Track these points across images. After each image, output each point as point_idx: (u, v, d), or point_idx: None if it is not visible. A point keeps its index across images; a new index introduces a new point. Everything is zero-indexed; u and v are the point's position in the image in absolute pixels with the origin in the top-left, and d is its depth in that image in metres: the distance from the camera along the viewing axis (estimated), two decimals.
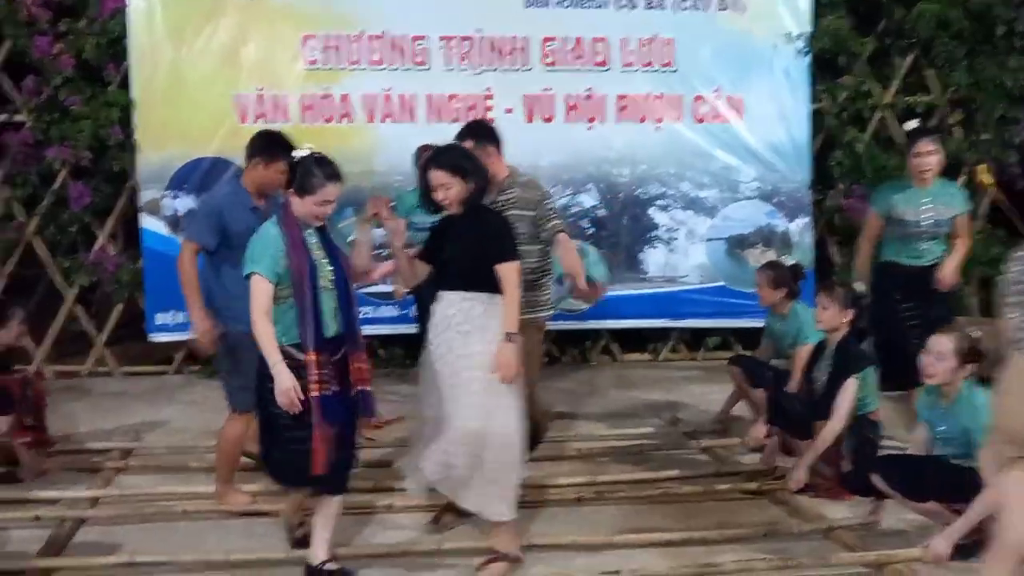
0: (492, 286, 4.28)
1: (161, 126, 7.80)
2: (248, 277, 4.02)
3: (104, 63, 7.82)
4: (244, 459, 5.19)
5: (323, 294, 4.05)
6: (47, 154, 7.74)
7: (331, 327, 4.08)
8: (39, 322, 8.10)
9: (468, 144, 4.93)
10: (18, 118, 7.90)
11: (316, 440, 3.95)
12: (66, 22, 7.73)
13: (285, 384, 3.90)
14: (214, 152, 7.85)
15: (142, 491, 5.32)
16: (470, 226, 4.32)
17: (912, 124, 6.40)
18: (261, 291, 3.98)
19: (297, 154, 4.14)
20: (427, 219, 6.94)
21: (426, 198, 4.45)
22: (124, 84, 7.81)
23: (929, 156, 6.02)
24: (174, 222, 7.84)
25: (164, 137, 7.81)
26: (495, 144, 4.99)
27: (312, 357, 3.97)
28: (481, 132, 5.01)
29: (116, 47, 7.78)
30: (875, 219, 6.23)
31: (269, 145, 4.91)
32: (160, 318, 7.88)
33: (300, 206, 4.07)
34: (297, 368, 3.96)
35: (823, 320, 5.36)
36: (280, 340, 4.00)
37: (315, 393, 3.96)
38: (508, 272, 4.25)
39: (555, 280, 5.14)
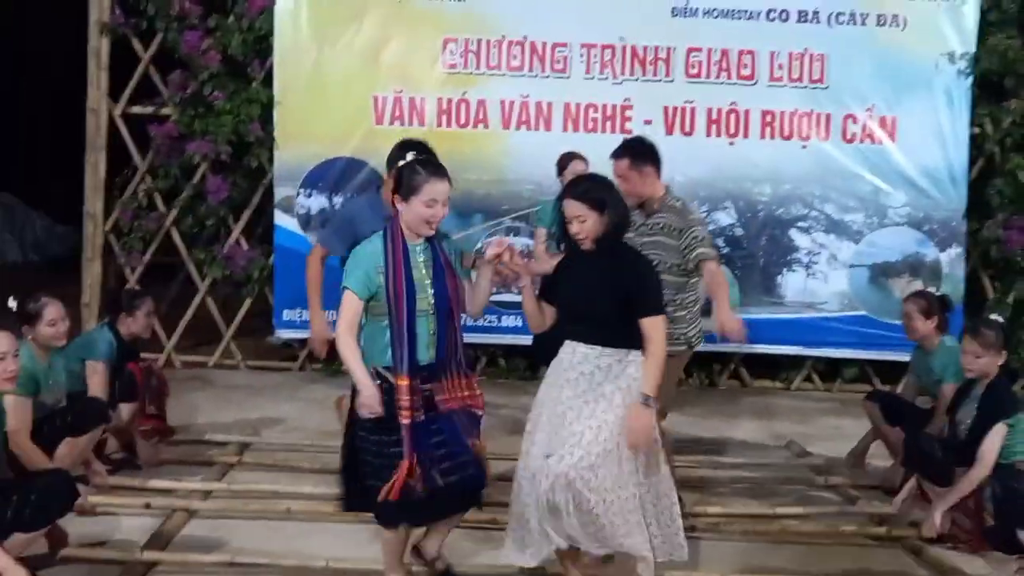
0: (631, 340, 3.88)
1: (300, 124, 7.88)
2: (343, 290, 3.86)
3: (249, 60, 7.94)
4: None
5: (420, 318, 3.83)
6: (189, 148, 7.89)
7: (425, 354, 3.85)
8: (175, 311, 8.29)
9: (624, 162, 4.73)
10: (164, 111, 8.10)
11: (403, 468, 3.75)
12: (215, 18, 7.88)
13: (368, 393, 3.76)
14: (350, 152, 7.90)
15: (254, 488, 5.30)
16: (604, 267, 3.93)
17: None
18: (348, 306, 3.81)
19: (401, 163, 3.95)
20: None
21: (561, 231, 4.11)
22: (267, 81, 7.91)
23: None
24: (306, 220, 7.90)
25: (302, 135, 7.89)
26: (655, 164, 4.78)
27: (404, 382, 3.79)
28: (640, 151, 4.79)
29: (262, 44, 7.90)
30: None
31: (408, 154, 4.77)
32: (288, 314, 7.95)
33: (407, 213, 3.85)
34: (388, 392, 3.79)
35: (975, 369, 4.94)
36: (371, 360, 3.84)
37: (406, 420, 3.77)
38: (654, 327, 3.85)
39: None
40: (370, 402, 3.76)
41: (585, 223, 3.91)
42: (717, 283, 4.68)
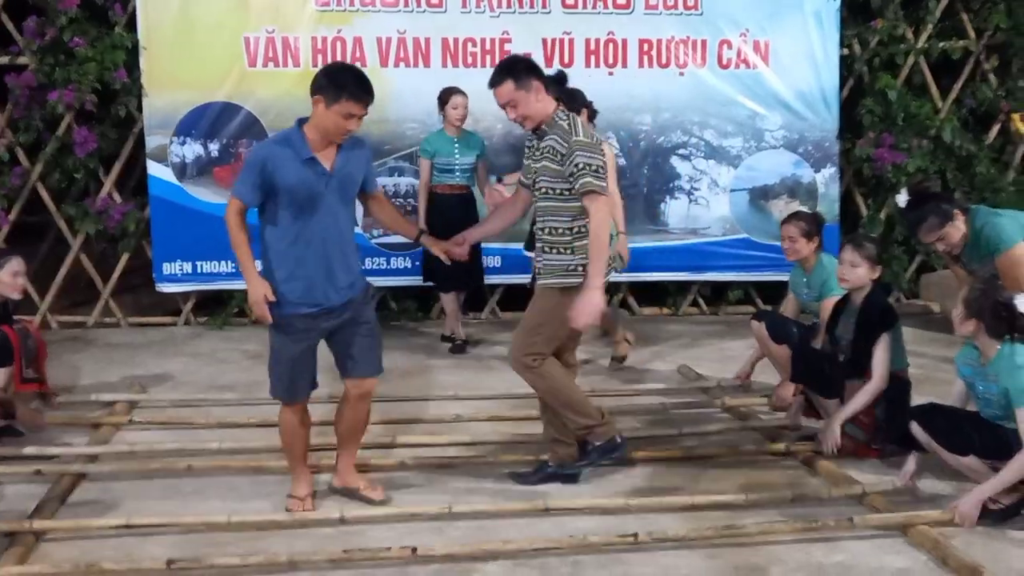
0: None
1: (168, 69, 7.57)
2: None
3: (110, 3, 7.57)
4: None
5: None
6: (51, 97, 7.48)
7: None
8: (46, 271, 7.94)
9: (507, 85, 4.32)
10: (21, 60, 7.67)
11: None
12: None
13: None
14: (224, 97, 7.65)
15: (145, 446, 5.13)
16: None
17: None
18: None
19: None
20: (454, 159, 6.86)
21: None
22: (131, 25, 7.56)
23: None
24: (181, 169, 7.64)
25: (172, 81, 7.58)
26: (539, 78, 4.36)
27: None
28: (518, 68, 4.36)
29: None
30: None
31: (334, 80, 4.08)
32: (168, 268, 7.72)
33: None
34: None
35: (851, 279, 5.05)
36: None
37: None
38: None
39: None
40: None
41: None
42: (596, 223, 4.34)
